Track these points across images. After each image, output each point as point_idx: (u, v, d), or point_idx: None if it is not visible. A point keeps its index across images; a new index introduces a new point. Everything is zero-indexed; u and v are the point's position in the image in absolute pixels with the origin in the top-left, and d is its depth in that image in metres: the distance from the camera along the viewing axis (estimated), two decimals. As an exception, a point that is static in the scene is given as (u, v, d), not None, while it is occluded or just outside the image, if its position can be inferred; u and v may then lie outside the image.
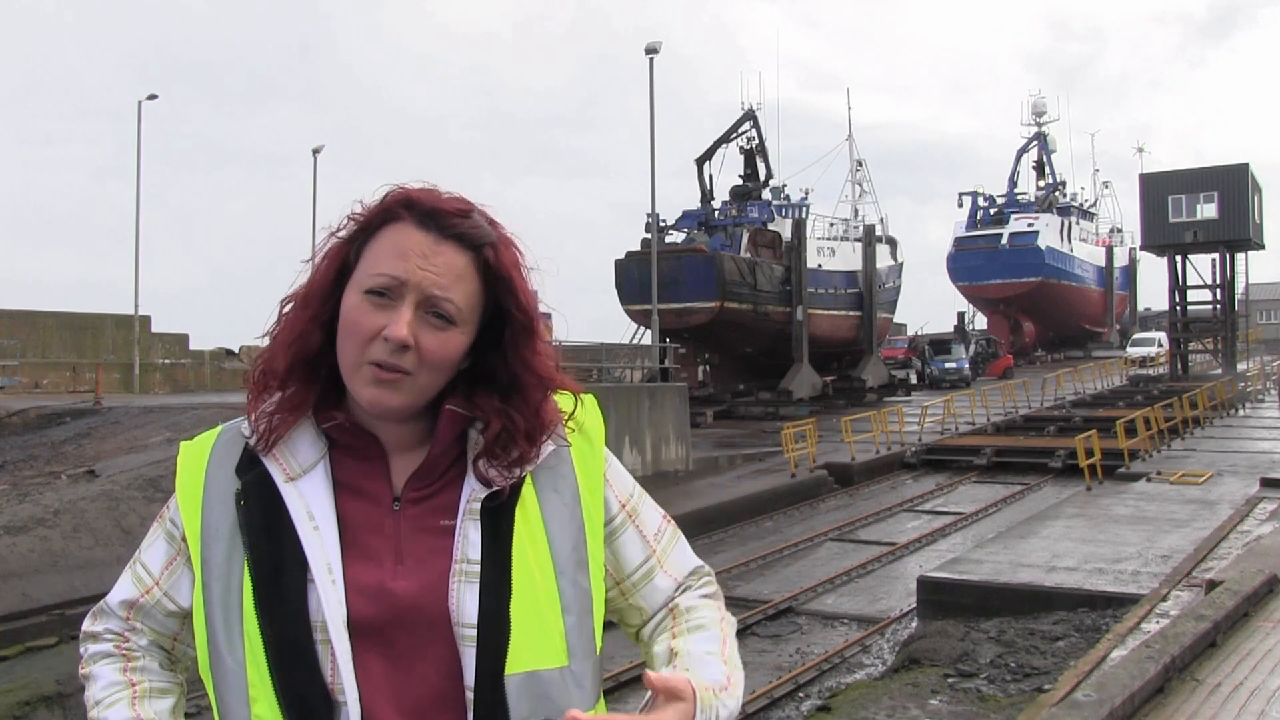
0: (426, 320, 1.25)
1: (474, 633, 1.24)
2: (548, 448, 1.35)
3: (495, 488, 1.29)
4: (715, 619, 1.42)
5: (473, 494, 1.30)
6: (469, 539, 1.28)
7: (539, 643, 1.27)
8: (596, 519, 1.37)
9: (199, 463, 1.35)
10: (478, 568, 1.27)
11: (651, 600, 1.42)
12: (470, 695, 1.24)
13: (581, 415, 1.41)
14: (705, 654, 1.35)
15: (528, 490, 1.32)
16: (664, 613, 1.43)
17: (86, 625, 1.42)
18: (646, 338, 32.14)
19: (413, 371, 1.25)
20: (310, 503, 1.28)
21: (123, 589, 1.39)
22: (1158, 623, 7.98)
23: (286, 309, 1.33)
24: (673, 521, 1.48)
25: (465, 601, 1.25)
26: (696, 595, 1.44)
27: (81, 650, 1.41)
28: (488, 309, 1.31)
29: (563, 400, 1.39)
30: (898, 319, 54.69)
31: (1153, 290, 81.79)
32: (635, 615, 1.44)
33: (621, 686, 9.73)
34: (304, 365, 1.30)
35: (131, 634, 1.39)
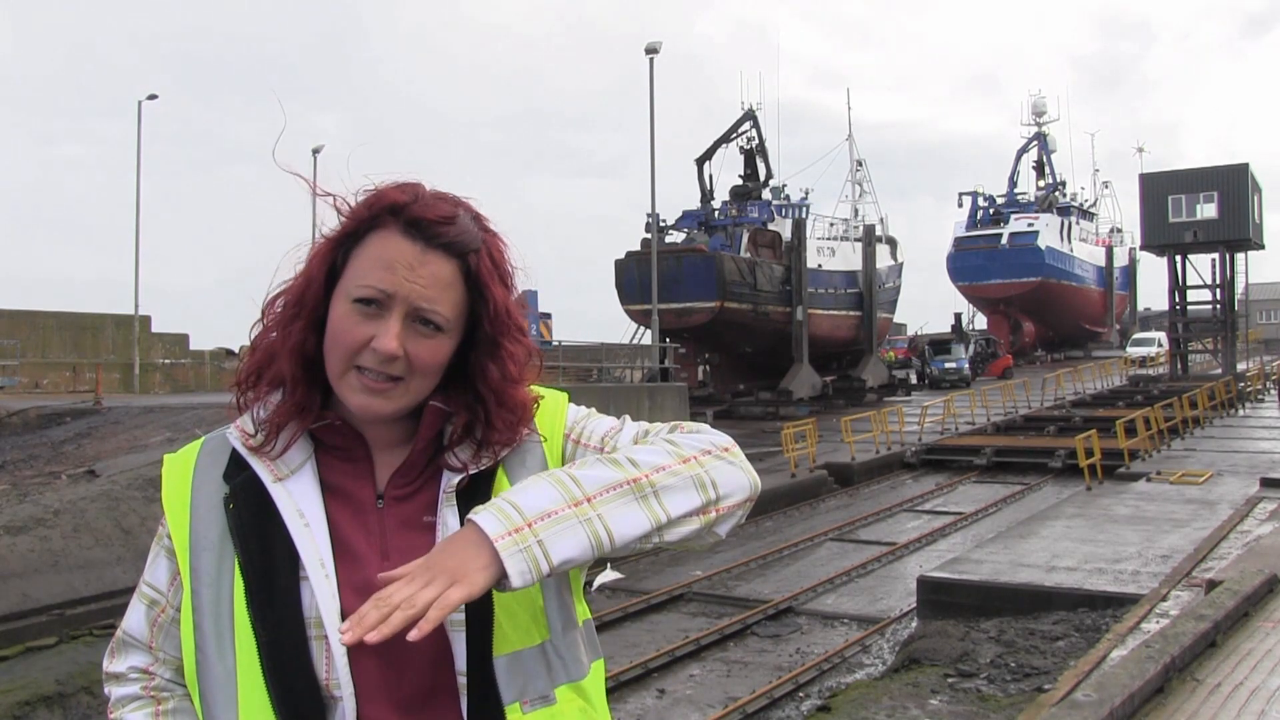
0: (415, 329, 1.26)
1: (462, 617, 1.25)
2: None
3: (466, 472, 1.30)
4: (671, 449, 1.26)
5: (448, 484, 1.31)
6: (448, 526, 1.29)
7: (521, 623, 1.28)
8: None
9: (185, 474, 1.36)
10: None
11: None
12: (463, 680, 1.25)
13: (541, 419, 1.38)
14: (597, 459, 1.25)
15: (500, 476, 1.33)
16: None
17: (108, 665, 1.40)
18: (646, 338, 32.14)
19: (404, 377, 1.27)
20: (299, 501, 1.29)
21: (135, 613, 1.38)
22: (1158, 623, 7.97)
23: (276, 309, 1.32)
24: (628, 418, 1.41)
25: None
26: (659, 435, 1.32)
27: (107, 691, 1.39)
28: (472, 312, 1.32)
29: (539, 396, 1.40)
30: (898, 319, 54.70)
31: (1153, 290, 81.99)
32: None
33: (621, 687, 9.75)
34: (305, 370, 1.31)
35: (155, 667, 1.37)
